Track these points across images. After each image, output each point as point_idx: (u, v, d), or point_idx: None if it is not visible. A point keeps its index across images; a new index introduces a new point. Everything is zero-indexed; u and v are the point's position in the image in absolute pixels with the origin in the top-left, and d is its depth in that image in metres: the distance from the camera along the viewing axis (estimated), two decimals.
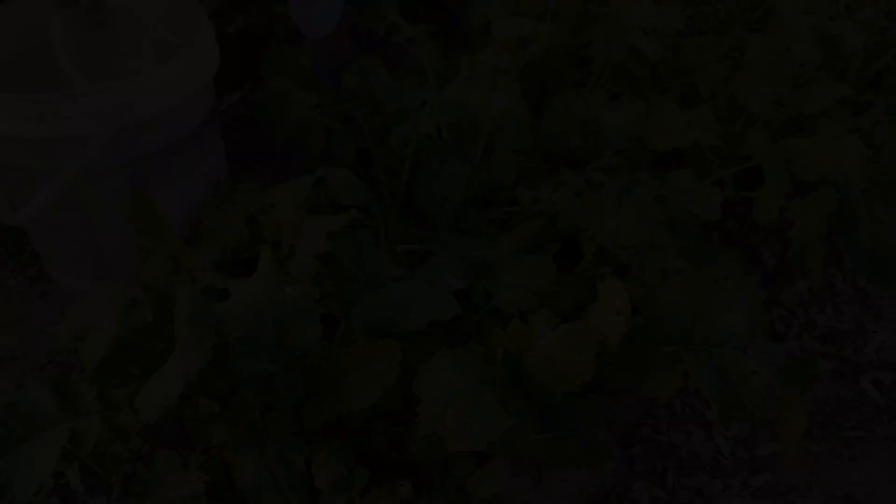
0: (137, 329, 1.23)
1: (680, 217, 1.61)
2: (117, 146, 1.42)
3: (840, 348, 1.69)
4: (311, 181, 1.39)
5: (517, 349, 1.22)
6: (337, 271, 1.45)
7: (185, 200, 1.60)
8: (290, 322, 1.15)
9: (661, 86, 2.07)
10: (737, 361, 1.17)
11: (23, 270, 1.74)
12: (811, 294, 1.80)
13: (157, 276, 1.29)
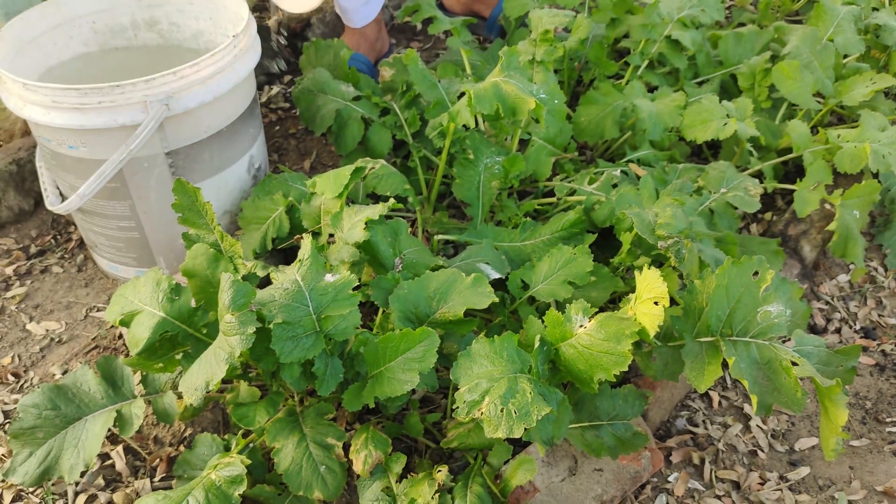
0: (181, 314, 1.26)
1: (718, 208, 1.60)
2: (162, 136, 1.45)
3: (882, 342, 1.66)
4: (349, 171, 1.41)
5: (554, 338, 1.22)
6: (375, 259, 1.47)
7: (227, 190, 1.63)
8: (329, 308, 1.17)
9: (700, 77, 2.05)
10: (776, 353, 1.16)
11: (70, 258, 1.79)
12: (852, 287, 1.78)
13: (200, 264, 1.31)
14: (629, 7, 2.13)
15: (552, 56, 1.75)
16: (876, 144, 1.66)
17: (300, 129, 2.14)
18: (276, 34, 2.35)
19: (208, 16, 1.74)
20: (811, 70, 1.89)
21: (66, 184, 1.55)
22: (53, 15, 1.64)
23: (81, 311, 1.66)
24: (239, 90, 1.55)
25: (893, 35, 2.04)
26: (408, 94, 1.83)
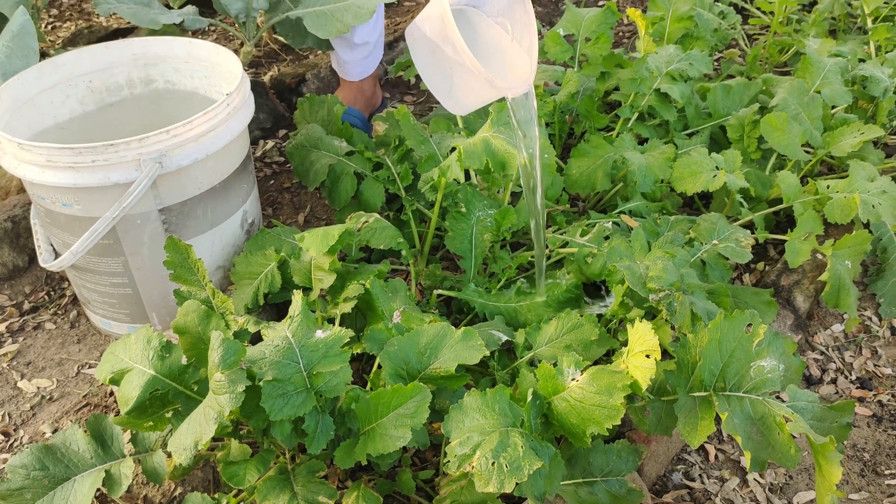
0: (171, 372, 1.25)
1: (710, 260, 1.61)
2: (156, 193, 1.46)
3: (878, 392, 1.65)
4: (338, 231, 1.42)
5: (546, 391, 1.21)
6: (368, 314, 1.47)
7: (221, 245, 1.64)
8: (320, 365, 1.17)
9: (690, 129, 2.08)
10: (769, 408, 1.15)
11: (63, 314, 1.78)
12: (846, 337, 1.77)
13: (191, 321, 1.31)
14: (618, 61, 2.16)
15: (542, 111, 1.78)
16: (865, 195, 1.67)
17: (294, 184, 2.16)
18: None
19: (203, 74, 1.77)
20: (799, 121, 1.92)
21: (60, 241, 1.56)
22: (51, 75, 1.67)
23: (73, 368, 1.66)
24: (232, 147, 1.56)
25: (880, 86, 2.07)
26: (400, 149, 1.85)
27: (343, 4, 2.06)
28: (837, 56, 2.16)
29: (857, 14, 2.75)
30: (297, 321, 1.21)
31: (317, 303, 1.48)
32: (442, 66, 1.41)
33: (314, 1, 2.15)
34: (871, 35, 2.46)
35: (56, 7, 3.07)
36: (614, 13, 2.20)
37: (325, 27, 2.07)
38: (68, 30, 2.87)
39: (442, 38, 1.35)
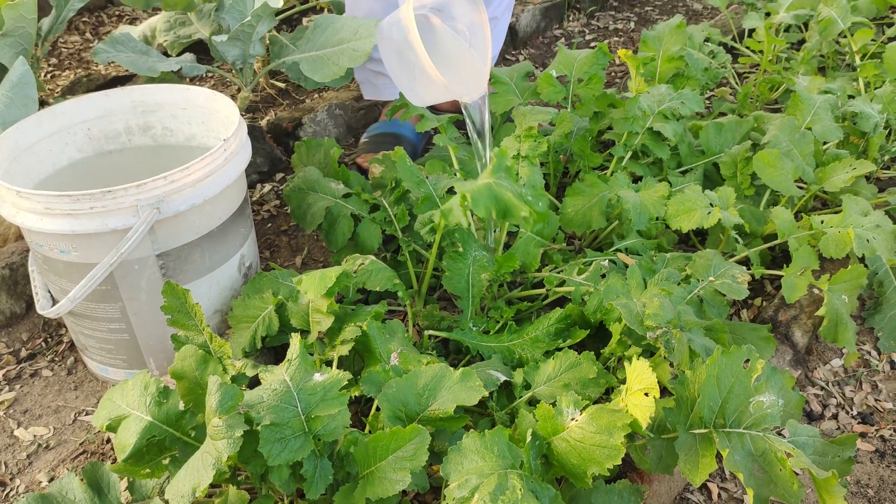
0: (169, 418, 1.24)
1: (707, 296, 1.61)
2: (153, 239, 1.47)
3: (880, 427, 1.64)
4: (335, 274, 1.42)
5: (546, 431, 1.21)
6: (366, 356, 1.47)
7: (219, 289, 1.64)
8: (318, 409, 1.16)
9: (683, 167, 2.10)
10: (770, 444, 1.15)
11: (60, 361, 1.78)
12: (846, 372, 1.77)
13: (188, 366, 1.31)
14: (611, 101, 2.19)
15: (536, 151, 1.80)
16: (859, 229, 1.69)
17: (292, 226, 2.17)
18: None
19: (200, 120, 1.79)
20: (791, 158, 1.94)
21: (58, 287, 1.56)
22: (50, 123, 1.69)
23: (70, 416, 1.65)
24: (230, 192, 1.58)
25: (870, 122, 2.09)
26: (397, 191, 1.86)
27: (339, 48, 2.10)
28: (827, 93, 2.19)
29: (845, 51, 2.79)
30: (294, 364, 1.21)
31: (315, 345, 1.48)
32: (406, 64, 1.59)
33: (310, 45, 2.19)
34: (860, 72, 2.49)
35: (55, 56, 3.11)
36: (606, 54, 2.24)
37: (322, 70, 2.10)
38: (67, 78, 2.91)
39: (407, 43, 1.52)
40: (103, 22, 3.44)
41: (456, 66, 1.61)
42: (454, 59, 1.60)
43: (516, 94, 2.24)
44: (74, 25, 3.39)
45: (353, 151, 2.54)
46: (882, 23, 3.14)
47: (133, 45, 2.30)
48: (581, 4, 3.59)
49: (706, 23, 2.94)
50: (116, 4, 3.57)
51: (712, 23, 3.21)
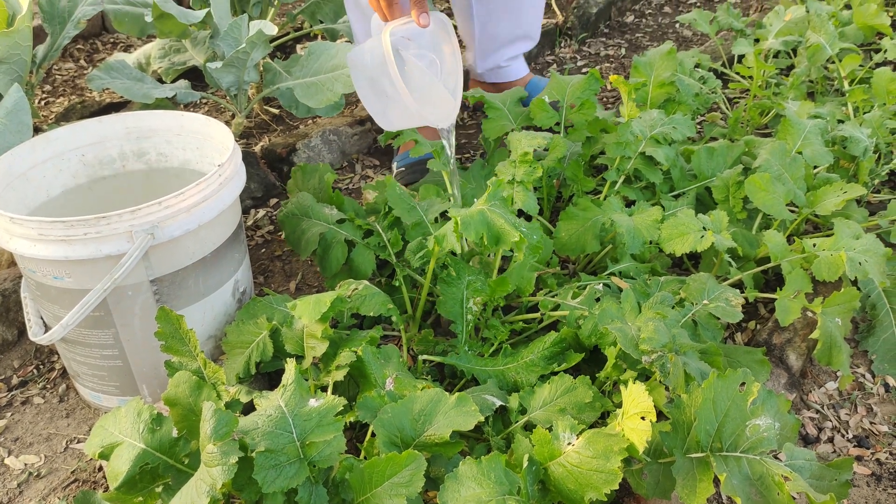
0: (162, 445, 1.23)
1: (701, 319, 1.61)
2: (147, 264, 1.47)
3: (875, 451, 1.64)
4: (329, 299, 1.42)
5: (543, 457, 1.20)
6: (361, 381, 1.46)
7: (213, 315, 1.64)
8: (313, 435, 1.15)
9: (676, 191, 2.11)
10: (767, 468, 1.14)
11: (52, 388, 1.76)
12: (841, 395, 1.77)
13: (182, 392, 1.30)
14: (604, 126, 2.21)
15: (531, 177, 1.81)
16: (851, 252, 1.69)
17: (286, 251, 2.17)
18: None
19: (195, 146, 1.79)
20: (782, 182, 1.95)
21: (51, 314, 1.55)
22: (44, 149, 1.69)
23: (61, 443, 1.63)
24: (224, 217, 1.58)
25: (860, 146, 2.11)
26: (390, 216, 1.87)
27: (333, 75, 2.11)
28: (817, 117, 2.21)
29: (834, 77, 2.82)
30: (289, 390, 1.20)
31: (309, 371, 1.47)
32: (378, 91, 1.64)
33: (304, 72, 2.20)
34: (849, 97, 2.52)
35: (50, 83, 3.12)
36: (598, 80, 2.26)
37: (316, 97, 2.11)
38: (61, 105, 2.91)
39: (380, 71, 1.56)
40: (98, 49, 3.46)
41: (427, 94, 1.65)
42: (425, 88, 1.64)
43: (509, 120, 2.26)
44: (69, 52, 3.40)
45: (346, 177, 2.55)
46: (869, 49, 3.18)
47: (128, 71, 2.31)
48: (572, 31, 3.63)
49: (696, 49, 2.97)
50: (111, 32, 3.58)
51: (702, 49, 3.25)
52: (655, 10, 4.01)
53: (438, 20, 1.64)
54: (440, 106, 1.68)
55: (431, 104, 1.65)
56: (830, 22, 2.72)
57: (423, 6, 1.60)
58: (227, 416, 1.10)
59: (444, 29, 1.66)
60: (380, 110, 1.71)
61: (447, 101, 1.67)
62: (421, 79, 1.63)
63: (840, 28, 2.91)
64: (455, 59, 1.68)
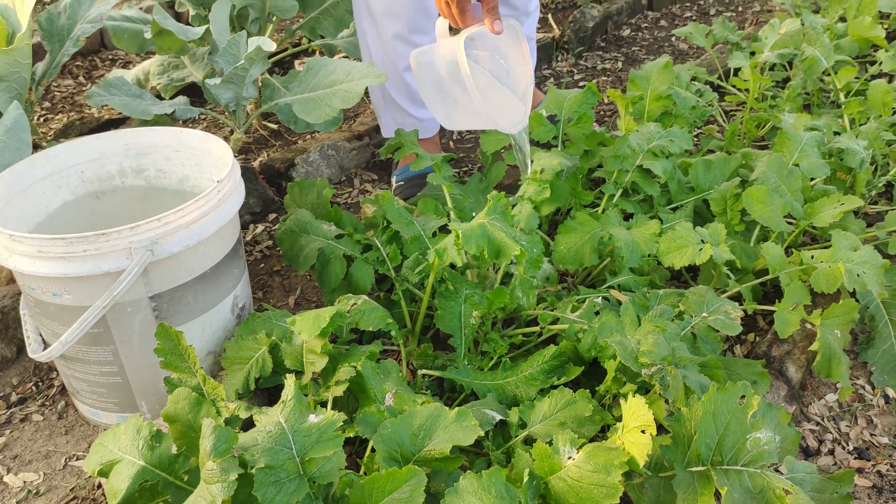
0: (161, 462, 1.23)
1: (700, 332, 1.61)
2: (146, 281, 1.47)
3: (876, 462, 1.64)
4: (328, 314, 1.42)
5: (543, 471, 1.20)
6: (360, 397, 1.46)
7: (212, 331, 1.64)
8: (313, 450, 1.15)
9: (673, 203, 2.11)
10: (768, 481, 1.14)
11: (51, 405, 1.76)
12: (841, 407, 1.77)
13: (182, 408, 1.30)
14: (601, 139, 2.21)
15: (540, 196, 1.83)
16: (849, 264, 1.70)
17: (285, 267, 2.17)
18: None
19: (194, 162, 1.80)
20: (780, 194, 1.96)
21: (50, 331, 1.55)
22: (44, 166, 1.69)
23: (60, 461, 1.62)
24: (223, 233, 1.58)
25: (857, 158, 2.12)
26: (388, 230, 1.87)
27: (332, 90, 2.12)
28: (813, 130, 2.22)
29: (830, 89, 2.84)
30: (289, 406, 1.20)
31: (309, 386, 1.47)
32: (444, 94, 1.65)
33: (303, 87, 2.21)
34: (845, 109, 2.53)
35: (49, 100, 3.13)
36: (595, 94, 2.27)
37: (315, 112, 2.12)
38: (60, 121, 2.92)
39: (451, 77, 1.57)
40: (97, 66, 3.47)
41: (497, 100, 1.66)
42: (495, 94, 1.64)
43: (507, 135, 2.26)
44: (68, 69, 3.42)
45: (344, 191, 2.56)
46: (864, 61, 3.19)
47: (126, 88, 2.32)
48: (569, 45, 3.64)
49: (692, 62, 2.99)
50: (110, 48, 3.60)
51: (698, 62, 3.27)
52: (651, 23, 4.03)
53: (510, 26, 1.65)
54: (510, 112, 1.68)
55: (503, 110, 1.66)
56: (825, 34, 2.74)
57: (496, 13, 1.60)
58: (227, 432, 1.10)
59: (514, 34, 1.66)
60: (444, 112, 1.72)
61: (517, 106, 1.68)
62: (490, 85, 1.63)
63: (835, 40, 2.93)
64: (525, 64, 1.68)
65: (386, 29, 2.24)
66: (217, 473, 1.07)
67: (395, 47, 2.27)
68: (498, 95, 1.67)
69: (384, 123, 2.50)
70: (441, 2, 1.65)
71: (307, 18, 2.79)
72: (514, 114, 1.69)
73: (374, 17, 2.24)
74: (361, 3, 2.26)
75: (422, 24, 2.26)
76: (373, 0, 2.21)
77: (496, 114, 1.60)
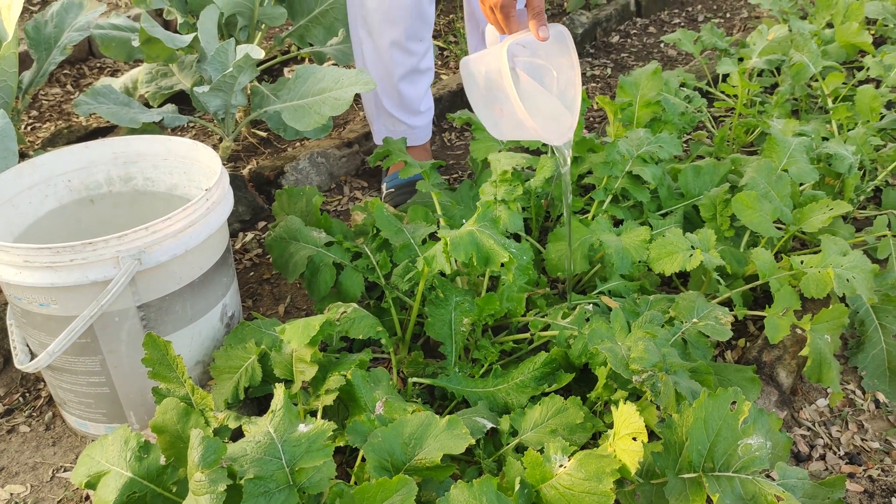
0: (150, 474, 1.22)
1: (691, 338, 1.61)
2: (134, 290, 1.46)
3: (868, 467, 1.64)
4: (318, 322, 1.42)
5: (534, 479, 1.20)
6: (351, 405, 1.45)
7: (200, 340, 1.62)
8: (303, 461, 1.14)
9: (663, 209, 2.11)
10: (760, 488, 1.14)
11: (38, 416, 1.74)
12: (832, 412, 1.77)
13: (170, 419, 1.29)
14: (591, 146, 2.22)
15: (513, 195, 1.82)
16: (839, 269, 1.70)
17: (274, 275, 2.16)
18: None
19: (182, 170, 1.79)
20: (769, 199, 1.96)
21: (37, 341, 1.53)
22: (30, 175, 1.68)
23: (48, 473, 1.61)
24: (212, 241, 1.57)
25: (845, 163, 2.13)
26: (378, 238, 1.86)
27: (321, 97, 2.12)
28: (802, 135, 2.22)
29: (818, 95, 2.85)
30: (279, 416, 1.19)
31: (299, 395, 1.46)
32: (490, 103, 1.63)
33: (292, 95, 2.21)
34: (833, 114, 2.54)
35: (36, 108, 3.12)
36: (584, 100, 2.26)
37: (304, 119, 2.11)
38: (48, 130, 2.91)
39: (496, 85, 1.54)
40: (84, 74, 3.46)
41: (543, 110, 1.62)
42: (541, 103, 1.62)
43: (497, 140, 2.26)
44: (55, 78, 3.40)
45: (334, 199, 2.55)
46: (852, 66, 3.21)
47: (114, 96, 2.31)
48: None
49: (681, 68, 3.00)
50: (98, 56, 3.59)
51: (687, 68, 3.28)
52: (640, 30, 4.04)
53: (558, 32, 1.60)
54: (556, 122, 1.64)
55: (547, 120, 1.63)
56: (813, 41, 2.76)
57: (542, 19, 1.56)
58: (216, 443, 1.09)
59: (562, 41, 1.62)
60: (491, 120, 1.69)
61: (563, 117, 1.64)
62: (536, 93, 1.61)
63: (822, 46, 2.95)
64: (573, 73, 1.63)
65: (383, 36, 2.23)
66: (206, 485, 1.06)
67: (392, 55, 2.26)
68: (544, 105, 1.62)
69: (376, 131, 2.49)
70: (486, 8, 1.62)
71: (296, 26, 2.78)
72: (560, 125, 1.64)
73: (369, 24, 2.24)
74: (357, 11, 2.25)
75: (419, 31, 2.26)
76: (370, 7, 2.20)
77: (541, 124, 1.55)
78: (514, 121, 1.57)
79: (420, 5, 2.20)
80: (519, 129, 1.61)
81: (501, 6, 1.58)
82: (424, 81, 2.40)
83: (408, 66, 2.30)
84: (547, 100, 1.63)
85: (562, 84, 1.64)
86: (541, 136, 1.57)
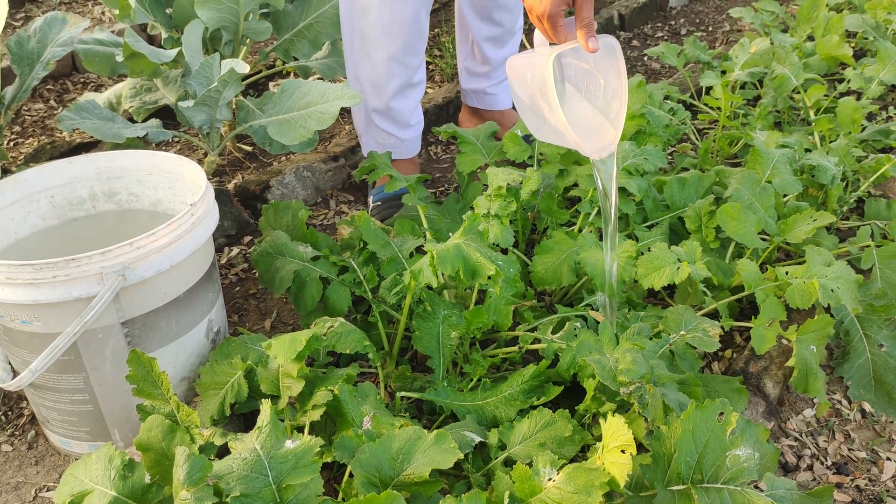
0: (134, 492, 1.21)
1: (679, 350, 1.62)
2: (118, 306, 1.45)
3: (855, 477, 1.64)
4: (304, 337, 1.41)
5: (523, 493, 1.19)
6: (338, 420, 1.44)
7: (186, 356, 1.61)
8: (290, 477, 1.13)
9: (649, 221, 2.12)
10: (749, 499, 1.14)
11: (21, 435, 1.72)
12: (818, 422, 1.77)
13: (155, 436, 1.27)
14: (576, 158, 2.22)
15: (506, 210, 1.82)
16: (823, 279, 1.71)
17: (260, 289, 2.15)
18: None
19: (167, 185, 1.78)
20: (753, 210, 1.97)
21: (19, 359, 1.52)
22: (12, 191, 1.67)
23: (31, 492, 1.59)
24: (197, 256, 1.56)
25: (828, 174, 2.15)
26: (365, 252, 1.86)
27: (306, 112, 2.11)
28: (785, 147, 2.24)
29: (800, 107, 2.88)
30: (265, 432, 1.18)
31: (285, 411, 1.45)
32: (535, 108, 1.61)
33: (277, 109, 2.20)
34: (815, 126, 2.57)
35: (19, 124, 3.10)
36: None
37: (289, 134, 2.11)
38: (31, 146, 2.89)
39: (541, 93, 1.53)
40: (68, 89, 3.44)
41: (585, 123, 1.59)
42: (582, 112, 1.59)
43: (483, 154, 2.27)
44: (39, 93, 3.38)
45: (320, 213, 2.54)
46: (833, 79, 3.25)
47: (98, 111, 2.30)
48: None
49: (665, 81, 3.02)
50: (82, 71, 3.57)
51: (671, 81, 3.30)
52: (624, 43, 4.07)
53: (607, 43, 1.56)
54: (598, 135, 1.60)
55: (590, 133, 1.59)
56: (794, 53, 2.78)
57: (591, 29, 1.52)
58: (201, 460, 1.08)
59: (611, 52, 1.58)
60: (535, 125, 1.67)
61: (606, 131, 1.60)
62: (580, 105, 1.58)
63: (804, 59, 2.98)
64: (620, 85, 1.58)
65: (380, 50, 2.23)
66: (191, 503, 1.05)
67: (388, 68, 2.26)
68: (588, 116, 1.59)
69: (365, 143, 2.49)
70: (534, 17, 1.57)
71: (281, 40, 2.78)
72: (602, 138, 1.59)
73: (366, 37, 2.23)
74: (353, 25, 2.24)
75: (416, 44, 2.27)
76: (369, 21, 2.19)
77: (582, 137, 1.52)
78: (555, 129, 1.56)
79: (418, 19, 2.21)
80: (559, 138, 1.60)
81: (549, 16, 1.53)
82: (416, 95, 2.41)
83: (402, 80, 2.31)
84: (590, 112, 1.60)
85: (608, 94, 1.61)
86: (581, 149, 1.55)
